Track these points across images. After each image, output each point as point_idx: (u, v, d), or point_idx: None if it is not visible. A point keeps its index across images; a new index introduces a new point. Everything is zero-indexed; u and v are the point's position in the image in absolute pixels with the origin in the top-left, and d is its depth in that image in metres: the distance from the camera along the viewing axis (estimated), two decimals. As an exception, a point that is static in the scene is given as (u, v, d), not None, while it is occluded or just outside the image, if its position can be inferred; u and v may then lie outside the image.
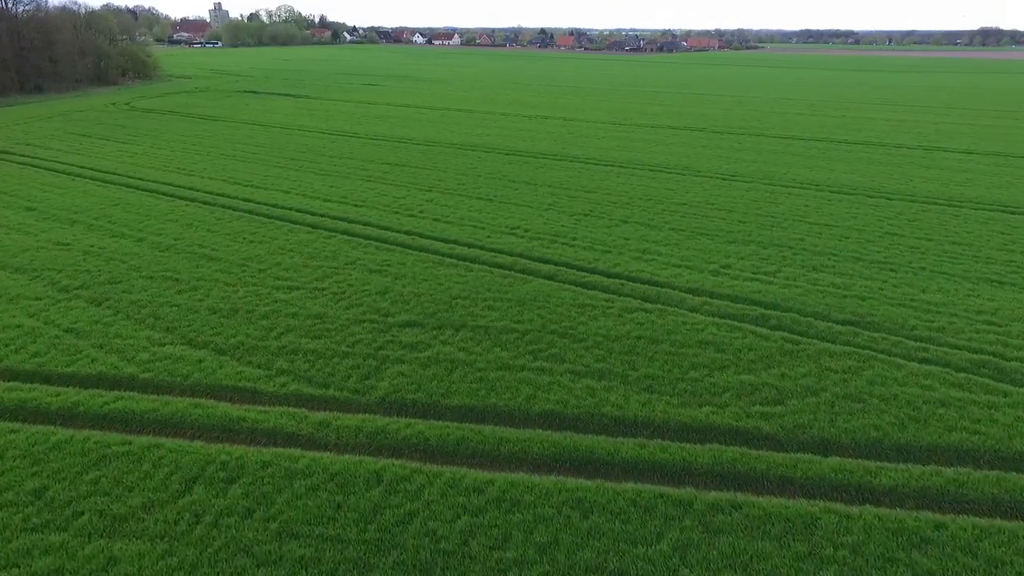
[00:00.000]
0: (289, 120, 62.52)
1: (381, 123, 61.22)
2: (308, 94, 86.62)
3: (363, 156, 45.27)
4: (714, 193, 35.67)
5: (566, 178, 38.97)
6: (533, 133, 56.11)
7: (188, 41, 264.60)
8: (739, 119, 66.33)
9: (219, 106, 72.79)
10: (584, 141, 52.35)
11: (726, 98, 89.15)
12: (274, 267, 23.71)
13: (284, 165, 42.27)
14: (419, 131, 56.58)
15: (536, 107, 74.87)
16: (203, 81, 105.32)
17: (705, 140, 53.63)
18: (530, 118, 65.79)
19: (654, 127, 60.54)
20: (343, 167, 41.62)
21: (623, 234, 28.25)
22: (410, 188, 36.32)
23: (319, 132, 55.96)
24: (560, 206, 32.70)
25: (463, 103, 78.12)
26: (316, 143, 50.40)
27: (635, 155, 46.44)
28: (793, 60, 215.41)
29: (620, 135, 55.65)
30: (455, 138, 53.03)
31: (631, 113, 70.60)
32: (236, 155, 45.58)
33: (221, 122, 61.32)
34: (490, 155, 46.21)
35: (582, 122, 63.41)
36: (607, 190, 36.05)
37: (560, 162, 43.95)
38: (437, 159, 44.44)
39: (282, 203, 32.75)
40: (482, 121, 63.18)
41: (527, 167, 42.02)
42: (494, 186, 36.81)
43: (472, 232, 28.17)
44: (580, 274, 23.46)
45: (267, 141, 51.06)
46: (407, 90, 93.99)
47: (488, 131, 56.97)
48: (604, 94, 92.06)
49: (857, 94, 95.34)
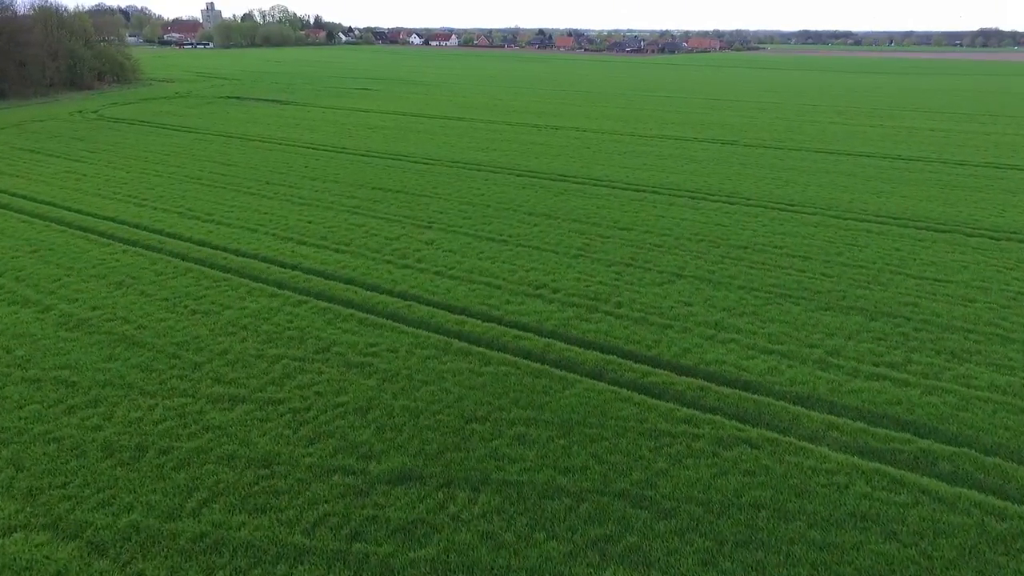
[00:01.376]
0: (271, 132, 55.95)
1: (374, 135, 54.67)
2: (296, 100, 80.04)
3: (351, 178, 38.74)
4: (776, 230, 29.21)
5: (592, 208, 32.49)
6: (545, 148, 49.63)
7: (179, 42, 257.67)
8: (768, 129, 59.96)
9: (196, 115, 66.16)
10: (604, 158, 45.88)
11: (745, 103, 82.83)
12: (216, 359, 17.16)
13: (257, 191, 35.71)
14: (416, 145, 50.08)
15: (544, 115, 68.40)
16: (186, 85, 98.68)
17: (741, 156, 47.20)
18: (539, 128, 59.32)
19: (679, 139, 54.11)
20: (326, 193, 35.09)
21: (681, 295, 21.77)
22: (405, 223, 29.80)
23: (303, 146, 49.41)
24: (592, 251, 26.19)
25: (464, 110, 71.62)
26: (298, 161, 43.84)
27: (667, 176, 39.98)
28: (798, 61, 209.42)
29: (643, 149, 49.20)
30: (457, 154, 46.53)
31: (648, 122, 64.18)
32: (203, 177, 39.01)
33: (194, 134, 54.73)
34: (498, 176, 39.73)
35: (597, 133, 56.96)
36: (645, 226, 29.56)
37: (581, 186, 37.47)
38: (437, 182, 37.94)
39: (244, 248, 26.18)
40: (486, 133, 56.70)
41: (544, 193, 35.52)
42: (507, 220, 30.31)
43: (485, 295, 21.65)
44: (638, 368, 16.97)
45: (242, 158, 44.49)
46: (403, 95, 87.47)
47: (494, 145, 50.48)
48: (614, 99, 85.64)
49: (884, 99, 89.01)
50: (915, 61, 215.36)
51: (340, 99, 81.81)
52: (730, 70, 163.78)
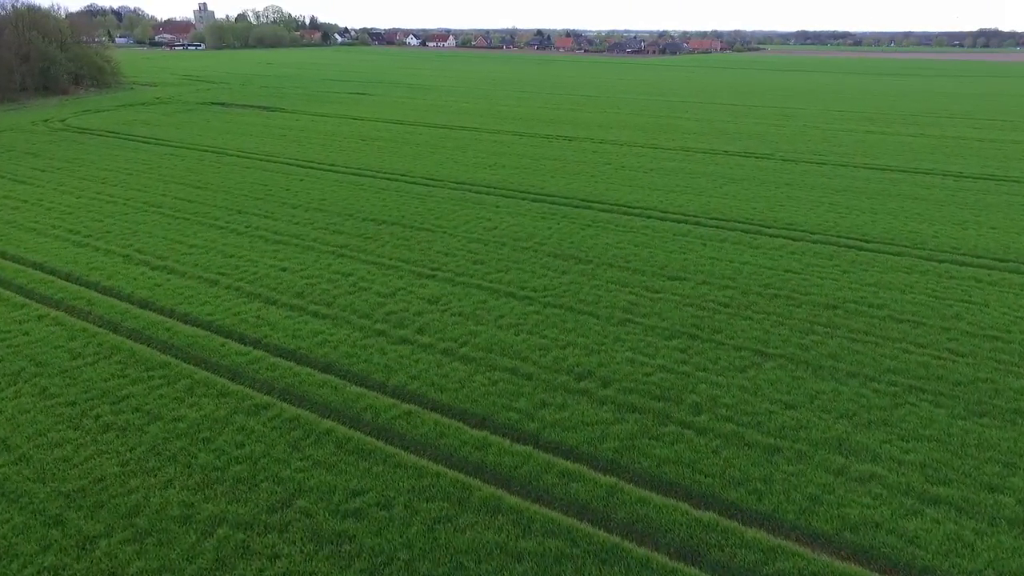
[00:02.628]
0: (253, 144, 50.21)
1: (367, 149, 48.95)
2: (285, 107, 74.26)
3: (339, 205, 33.03)
4: (864, 279, 23.49)
5: (629, 247, 26.81)
6: (560, 164, 43.96)
7: (170, 43, 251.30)
8: (802, 139, 54.37)
9: (173, 124, 60.35)
10: (630, 176, 40.23)
11: (766, 109, 77.29)
12: (119, 528, 11.35)
13: (226, 223, 30.00)
14: (415, 160, 44.37)
15: (553, 123, 62.72)
16: (169, 90, 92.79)
17: (782, 173, 41.56)
18: (550, 140, 53.66)
19: (707, 153, 48.49)
20: (308, 227, 29.37)
21: (775, 389, 16.05)
22: (402, 271, 24.10)
23: (287, 163, 43.67)
24: (642, 312, 20.50)
25: (466, 118, 65.91)
26: (280, 182, 38.11)
27: (707, 201, 34.33)
28: (803, 63, 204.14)
29: (670, 165, 43.54)
30: (461, 171, 40.83)
31: (668, 131, 58.57)
32: (164, 204, 33.27)
33: (166, 147, 48.95)
34: (511, 202, 34.04)
35: (615, 144, 51.32)
36: (700, 273, 23.88)
37: (609, 214, 31.82)
38: (440, 210, 32.25)
39: (196, 313, 20.45)
40: (492, 145, 51.01)
41: (568, 226, 29.84)
42: (527, 266, 24.63)
43: (511, 391, 15.88)
44: (754, 540, 11.31)
45: (215, 179, 38.75)
46: (400, 101, 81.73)
47: (502, 160, 44.79)
48: (625, 104, 79.99)
49: (911, 104, 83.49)
50: (921, 62, 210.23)
51: (332, 105, 76.05)
52: (736, 72, 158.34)
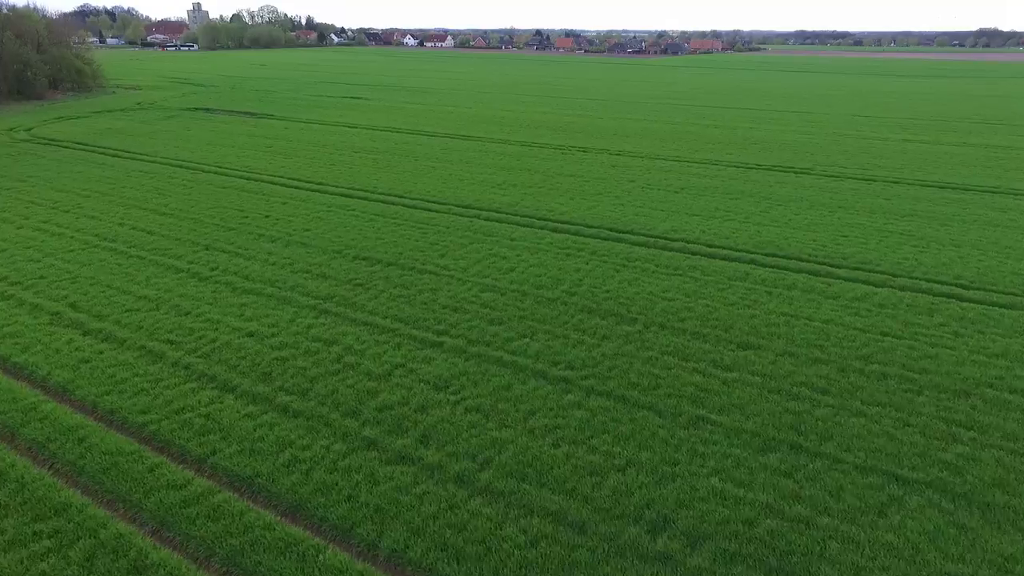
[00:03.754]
0: (234, 158, 45.04)
1: (360, 163, 43.78)
2: (274, 112, 69.08)
3: (325, 238, 27.89)
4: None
5: (682, 299, 21.69)
6: (577, 181, 38.85)
7: (162, 44, 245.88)
8: (838, 150, 49.29)
9: (148, 133, 55.16)
10: (659, 198, 35.12)
11: (786, 114, 72.31)
12: None
13: (187, 264, 24.85)
14: (414, 177, 39.24)
15: (564, 130, 57.61)
16: (153, 93, 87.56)
17: (832, 193, 36.46)
18: (563, 151, 48.56)
19: (737, 166, 43.43)
20: (286, 269, 24.24)
21: None
22: (399, 335, 18.97)
23: (270, 181, 38.52)
24: (719, 408, 15.41)
25: (469, 125, 60.78)
26: (259, 206, 32.99)
27: (757, 231, 29.22)
28: (808, 63, 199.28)
29: (700, 183, 38.41)
30: (467, 192, 35.70)
31: (688, 139, 53.50)
32: (119, 237, 28.11)
33: (136, 162, 43.79)
34: (528, 232, 28.92)
35: (634, 156, 46.23)
36: (791, 342, 18.74)
37: (647, 249, 26.69)
38: (445, 244, 27.11)
39: (124, 418, 15.28)
40: (500, 157, 45.89)
41: (601, 267, 24.69)
42: (561, 329, 19.47)
43: (562, 563, 10.89)
44: None
45: (184, 203, 33.60)
46: (397, 106, 76.57)
47: (512, 176, 39.67)
48: (636, 109, 74.88)
49: (940, 108, 78.47)
50: (928, 63, 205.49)
51: (325, 111, 70.90)
52: (743, 72, 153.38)
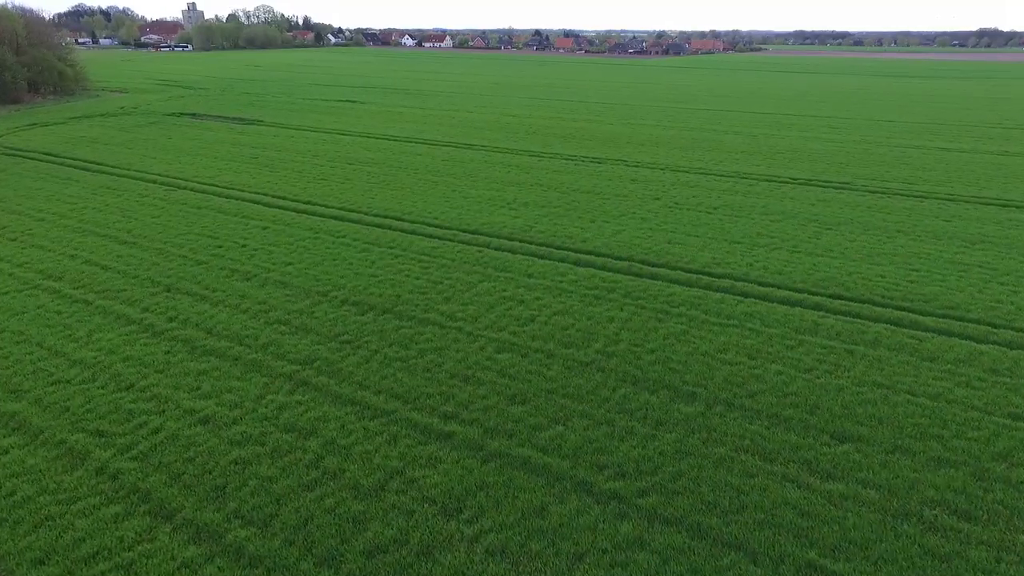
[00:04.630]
0: (215, 171, 40.86)
1: (354, 177, 39.60)
2: (263, 118, 64.87)
3: (307, 276, 23.73)
4: None
5: (746, 364, 17.54)
6: (596, 199, 34.68)
7: (156, 44, 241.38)
8: (875, 161, 45.18)
9: (126, 142, 50.97)
10: (693, 221, 30.97)
11: (807, 120, 68.24)
12: None
13: (141, 311, 20.70)
14: (412, 196, 35.07)
15: (574, 138, 53.45)
16: (139, 97, 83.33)
17: (888, 214, 32.32)
18: (575, 162, 44.40)
19: (772, 180, 39.32)
20: (258, 320, 20.08)
21: None
22: (396, 421, 14.82)
23: (251, 200, 34.36)
24: (835, 552, 11.30)
25: (472, 132, 56.60)
26: (236, 232, 28.82)
27: (812, 265, 25.05)
28: (812, 64, 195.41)
29: (735, 201, 34.27)
30: (474, 213, 31.54)
31: (709, 149, 49.36)
32: (67, 274, 23.97)
33: (108, 175, 39.61)
34: (547, 267, 24.77)
35: (652, 168, 42.07)
36: (901, 433, 14.58)
37: (688, 290, 22.57)
38: (450, 284, 22.98)
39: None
40: (507, 170, 41.71)
41: (640, 316, 20.54)
42: (602, 411, 15.31)
43: None
44: None
45: (151, 228, 29.44)
46: (395, 110, 72.37)
47: (524, 193, 35.52)
48: (647, 113, 70.67)
49: (961, 112, 74.39)
50: (933, 63, 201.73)
51: (318, 116, 66.69)
52: (747, 73, 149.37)
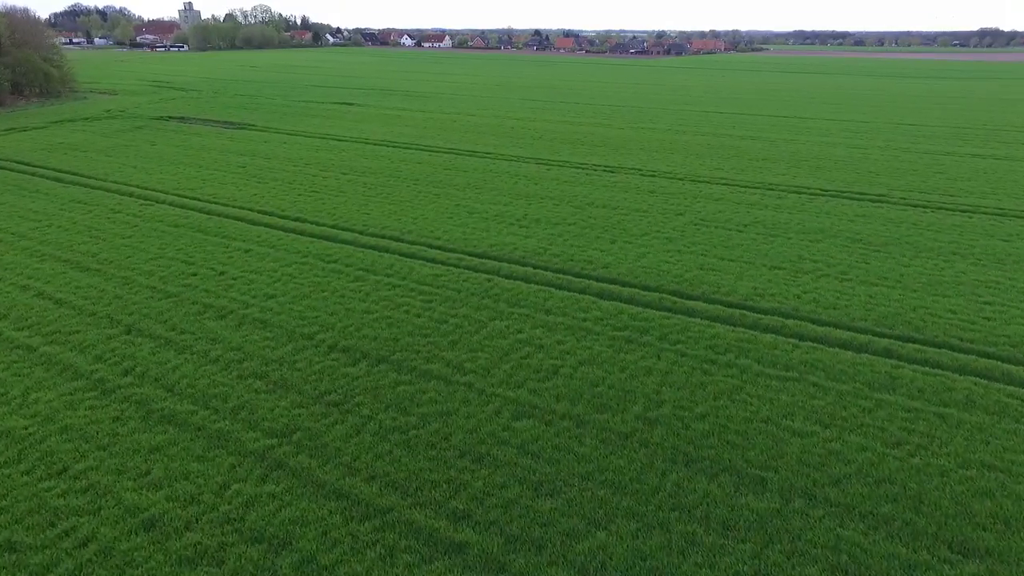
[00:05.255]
0: (199, 182, 37.66)
1: (348, 189, 36.40)
2: (255, 122, 61.68)
3: (290, 314, 20.57)
4: None
5: (855, 454, 14.32)
6: (614, 214, 31.51)
7: (152, 44, 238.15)
8: (910, 171, 42.02)
9: (107, 149, 47.78)
10: (725, 241, 27.78)
11: (824, 123, 65.14)
12: None
13: (92, 360, 17.50)
14: (413, 212, 31.87)
15: (582, 144, 50.26)
16: (128, 99, 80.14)
17: (938, 233, 29.16)
18: (586, 170, 41.22)
19: (802, 193, 36.16)
20: (229, 373, 16.89)
21: None
22: (394, 526, 11.66)
23: (235, 216, 31.20)
24: None
25: (474, 137, 53.41)
26: (214, 256, 25.64)
27: (877, 298, 21.88)
28: (819, 64, 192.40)
29: (767, 216, 31.11)
30: (480, 232, 28.38)
31: (729, 156, 46.17)
32: (12, 310, 20.74)
33: (81, 187, 36.43)
34: (568, 301, 21.61)
35: (670, 178, 38.91)
36: None
37: (737, 332, 19.41)
38: (455, 324, 19.79)
39: None
40: (514, 180, 38.52)
41: (686, 368, 17.32)
42: (659, 520, 12.23)
43: None
44: None
45: (119, 251, 26.26)
46: (394, 113, 69.18)
47: (533, 207, 32.31)
48: (658, 116, 67.44)
49: (983, 115, 71.18)
50: (940, 63, 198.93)
51: (313, 120, 63.50)
52: (752, 74, 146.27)
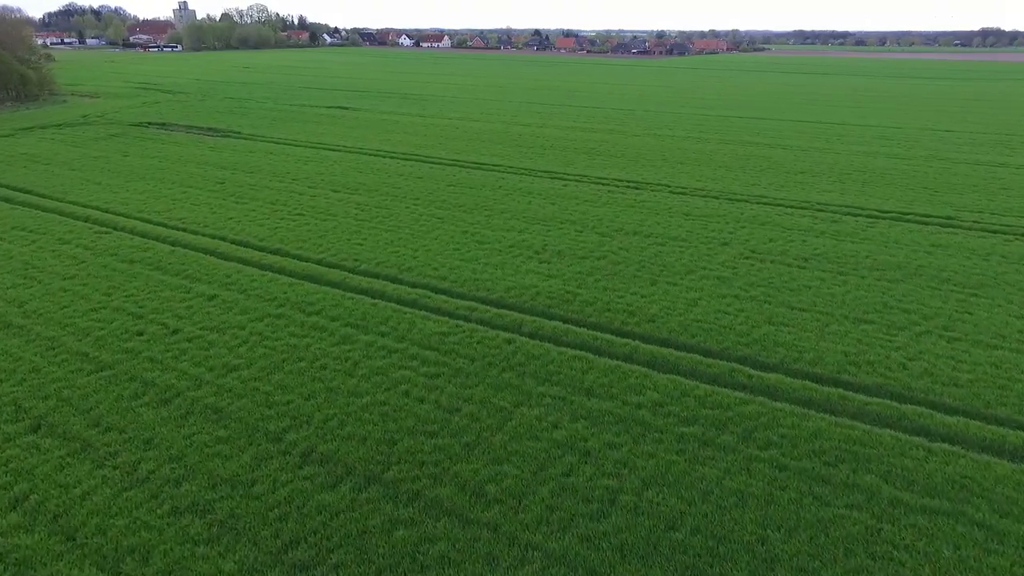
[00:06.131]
0: (166, 203, 32.89)
1: (337, 211, 31.61)
2: (242, 128, 56.89)
3: (252, 398, 15.80)
4: None
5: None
6: (651, 246, 26.74)
7: (144, 44, 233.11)
8: (967, 187, 37.32)
9: (72, 160, 42.97)
10: (787, 283, 23.01)
11: (852, 129, 60.48)
12: None
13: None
14: (413, 243, 27.09)
15: (599, 155, 45.50)
16: (109, 103, 75.30)
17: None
18: (607, 187, 36.46)
19: (858, 215, 31.48)
20: (160, 507, 12.15)
21: None
22: None
23: (204, 247, 26.45)
24: None
25: (480, 146, 48.60)
26: (168, 305, 20.85)
27: (993, 380, 17.32)
28: (822, 65, 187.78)
29: (826, 247, 26.35)
30: (494, 270, 23.64)
31: (762, 169, 41.42)
32: None
33: (31, 209, 31.66)
34: (613, 374, 16.87)
35: (703, 196, 34.14)
36: None
37: (840, 421, 14.66)
38: (475, 420, 15.02)
39: None
40: (528, 199, 33.76)
41: (786, 493, 12.58)
42: None
43: None
44: None
45: (51, 298, 21.45)
46: (391, 119, 64.37)
47: (554, 235, 27.56)
48: (673, 122, 62.57)
49: (1018, 117, 66.61)
50: (949, 64, 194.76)
51: (304, 126, 58.72)
52: (761, 75, 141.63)
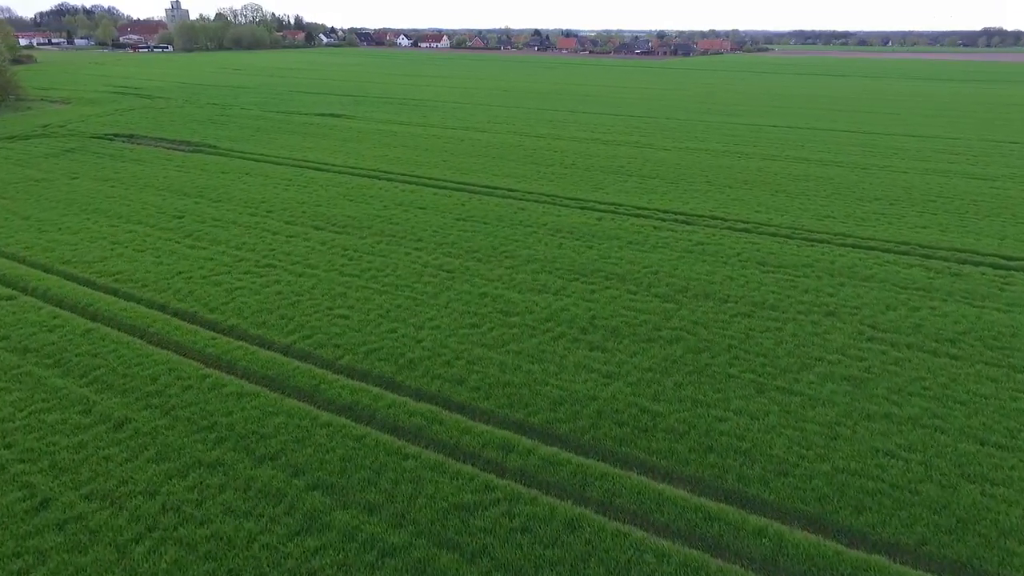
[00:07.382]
0: (103, 249, 25.95)
1: (317, 261, 24.59)
2: (218, 142, 49.93)
3: None
4: None
5: None
6: (737, 321, 19.81)
7: (134, 45, 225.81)
8: None
9: (7, 185, 35.98)
10: (896, 368, 16.17)
11: (897, 139, 53.73)
12: None
13: None
14: (415, 316, 20.12)
15: (627, 175, 38.53)
16: (80, 109, 68.28)
17: None
18: (654, 222, 29.58)
19: (950, 259, 24.58)
20: None
21: None
22: None
23: (128, 327, 19.49)
24: None
25: (490, 164, 41.63)
26: (41, 446, 14.04)
27: None
28: (830, 66, 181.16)
29: (1005, 322, 19.52)
30: (530, 367, 16.73)
31: (808, 190, 34.52)
32: None
33: (-74, 259, 24.78)
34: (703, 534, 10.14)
35: (777, 239, 27.27)
36: None
37: None
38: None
39: None
40: (559, 240, 26.80)
41: None
42: None
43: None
44: None
45: None
46: (389, 128, 57.39)
47: (601, 301, 20.63)
48: (701, 132, 55.58)
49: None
50: (959, 64, 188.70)
51: (290, 138, 51.78)
52: (772, 77, 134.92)
